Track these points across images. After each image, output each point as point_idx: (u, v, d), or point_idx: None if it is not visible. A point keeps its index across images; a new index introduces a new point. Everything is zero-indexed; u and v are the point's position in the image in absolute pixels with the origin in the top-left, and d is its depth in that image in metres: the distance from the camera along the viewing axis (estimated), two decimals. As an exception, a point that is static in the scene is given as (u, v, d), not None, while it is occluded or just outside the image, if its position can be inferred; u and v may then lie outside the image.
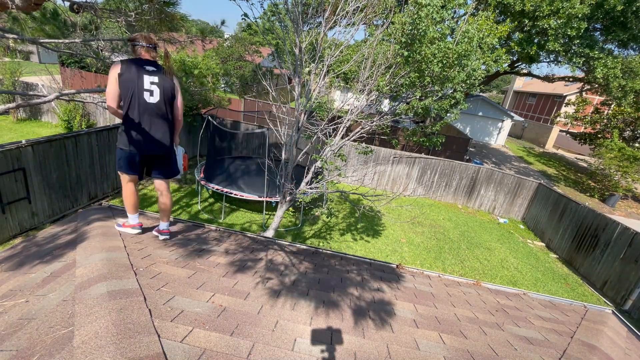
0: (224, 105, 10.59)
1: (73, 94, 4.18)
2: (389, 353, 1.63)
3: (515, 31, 12.06)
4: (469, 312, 2.37)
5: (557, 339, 2.17)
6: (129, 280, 1.71)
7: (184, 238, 2.73)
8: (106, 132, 7.28)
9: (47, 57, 27.35)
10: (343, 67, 4.90)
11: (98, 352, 1.15)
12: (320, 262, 2.84)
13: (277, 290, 2.06)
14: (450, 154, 14.27)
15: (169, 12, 3.68)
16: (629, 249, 6.98)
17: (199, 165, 8.73)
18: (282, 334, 1.59)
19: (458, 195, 11.47)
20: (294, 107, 4.43)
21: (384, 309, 2.13)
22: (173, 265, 2.11)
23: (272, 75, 5.79)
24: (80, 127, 11.18)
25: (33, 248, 2.24)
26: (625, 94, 11.98)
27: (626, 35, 11.45)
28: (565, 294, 7.00)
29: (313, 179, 4.97)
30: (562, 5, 10.02)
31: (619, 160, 13.61)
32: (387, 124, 5.23)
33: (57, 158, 6.15)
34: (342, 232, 7.87)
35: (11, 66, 12.13)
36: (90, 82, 15.73)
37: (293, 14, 4.01)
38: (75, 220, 2.71)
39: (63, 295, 1.55)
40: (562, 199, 9.36)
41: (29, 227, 5.79)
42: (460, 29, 5.52)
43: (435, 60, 5.20)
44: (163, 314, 1.50)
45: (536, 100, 31.95)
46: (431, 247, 8.04)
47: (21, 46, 14.89)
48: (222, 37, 25.03)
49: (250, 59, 22.60)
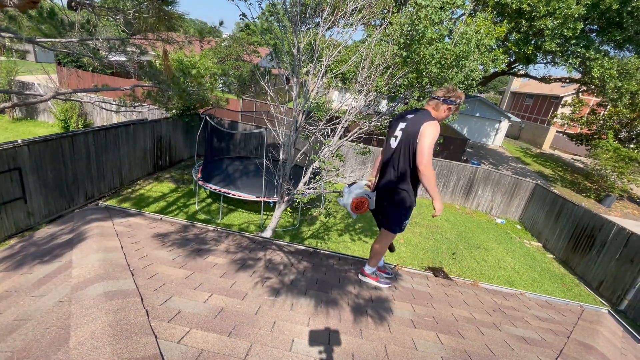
0: (221, 105, 10.56)
1: (70, 94, 4.16)
2: (386, 353, 1.63)
3: (512, 32, 12.12)
4: (466, 312, 2.38)
5: (553, 338, 2.18)
6: (126, 281, 1.70)
7: (181, 238, 2.72)
8: (103, 132, 7.24)
9: (43, 56, 27.16)
10: (341, 68, 4.91)
11: (94, 353, 1.15)
12: (318, 262, 2.83)
13: (275, 291, 2.06)
14: (448, 155, 14.30)
15: (167, 11, 3.67)
16: (625, 249, 7.03)
17: (196, 165, 8.71)
18: (280, 335, 1.58)
19: (455, 196, 11.51)
20: (292, 108, 4.42)
21: (381, 309, 2.13)
22: (170, 265, 2.10)
23: (270, 75, 5.78)
24: (77, 127, 11.12)
25: (29, 248, 2.23)
26: (621, 95, 12.07)
27: (622, 36, 11.54)
28: (561, 294, 7.04)
29: (311, 179, 4.97)
30: (558, 6, 10.08)
31: (614, 161, 13.71)
32: (385, 124, 5.24)
33: (54, 158, 6.11)
34: (340, 233, 7.87)
35: (7, 65, 12.05)
36: (87, 81, 15.64)
37: (291, 14, 4.01)
38: (72, 220, 2.70)
39: (59, 296, 1.54)
40: (559, 199, 9.41)
41: (24, 227, 5.75)
42: (458, 30, 5.54)
43: (434, 61, 5.22)
44: (160, 314, 1.50)
45: (533, 101, 32.12)
46: (429, 247, 8.06)
47: (17, 45, 14.80)
48: (220, 37, 24.97)
49: (248, 59, 22.56)
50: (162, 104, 6.59)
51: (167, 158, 9.91)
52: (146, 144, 8.80)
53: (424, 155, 2.18)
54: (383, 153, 2.57)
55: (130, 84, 6.16)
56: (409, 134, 2.30)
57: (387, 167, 2.46)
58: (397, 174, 2.37)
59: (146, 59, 7.04)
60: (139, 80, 12.14)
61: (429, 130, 2.20)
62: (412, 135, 2.27)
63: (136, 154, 8.49)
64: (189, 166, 10.37)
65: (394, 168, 2.39)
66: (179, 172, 9.86)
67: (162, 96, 6.20)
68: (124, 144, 7.98)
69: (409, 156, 2.30)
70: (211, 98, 10.45)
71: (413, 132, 2.27)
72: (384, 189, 2.49)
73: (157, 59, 8.75)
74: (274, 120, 4.94)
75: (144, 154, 8.82)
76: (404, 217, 2.47)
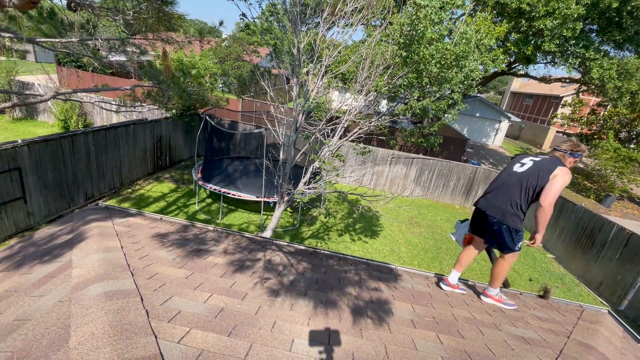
0: (221, 105, 10.57)
1: (70, 94, 4.16)
2: (386, 353, 1.63)
3: (511, 32, 12.13)
4: (466, 312, 2.38)
5: (553, 338, 2.18)
6: (126, 281, 1.70)
7: (181, 238, 2.72)
8: (103, 132, 7.25)
9: (43, 56, 27.16)
10: (341, 68, 4.91)
11: (94, 354, 1.15)
12: (318, 262, 2.83)
13: (275, 291, 2.06)
14: (448, 155, 14.31)
15: (167, 11, 3.67)
16: (625, 249, 7.03)
17: (196, 165, 8.71)
18: (280, 335, 1.58)
19: (455, 196, 11.51)
20: (292, 108, 4.42)
21: (381, 309, 2.13)
22: (170, 265, 2.10)
23: (270, 75, 5.78)
24: (77, 127, 11.12)
25: (29, 248, 2.23)
26: (621, 95, 12.07)
27: (621, 36, 11.54)
28: (561, 294, 7.04)
29: (311, 179, 4.97)
30: (557, 6, 10.08)
31: (614, 161, 13.71)
32: (385, 124, 5.24)
33: (54, 158, 6.11)
34: (340, 233, 7.87)
35: (7, 65, 12.05)
36: (87, 81, 15.65)
37: (291, 14, 4.01)
38: (72, 220, 2.70)
39: (59, 296, 1.54)
40: (559, 199, 9.40)
41: (24, 227, 5.75)
42: (458, 30, 5.54)
43: (434, 61, 5.22)
44: (160, 314, 1.50)
45: (533, 101, 32.13)
46: (429, 247, 8.06)
47: (17, 45, 14.79)
48: (220, 37, 24.97)
49: (248, 59, 22.56)
50: (162, 104, 6.59)
51: (167, 158, 9.91)
52: (146, 144, 8.80)
53: (550, 194, 2.36)
54: (501, 174, 2.70)
55: (130, 84, 6.16)
56: (540, 169, 2.45)
57: (503, 189, 2.57)
58: (516, 199, 2.48)
59: (146, 59, 7.04)
60: (139, 80, 12.14)
61: (563, 175, 2.38)
62: (544, 170, 2.42)
63: (136, 154, 8.49)
64: (189, 166, 10.37)
65: (513, 192, 2.50)
66: (179, 172, 9.86)
67: (162, 96, 6.20)
68: (124, 144, 7.98)
69: (532, 187, 2.43)
70: (211, 98, 10.46)
71: (545, 169, 2.43)
72: (496, 210, 2.56)
73: (157, 59, 8.75)
74: (274, 120, 4.93)
75: (144, 154, 8.82)
76: (517, 240, 2.56)
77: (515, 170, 2.58)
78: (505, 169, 2.72)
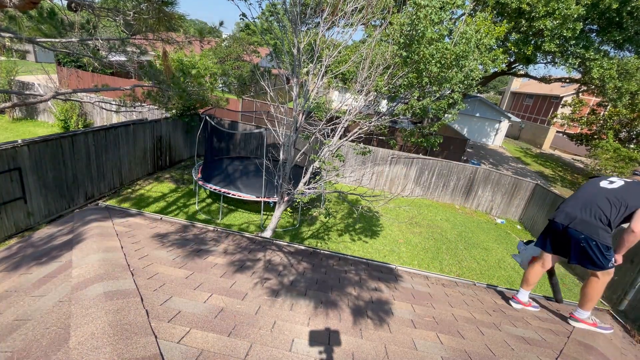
0: (221, 105, 10.57)
1: (70, 94, 4.16)
2: (386, 353, 1.63)
3: (511, 32, 12.13)
4: (466, 312, 2.38)
5: (553, 338, 2.18)
6: (126, 281, 1.70)
7: (181, 238, 2.72)
8: (103, 132, 7.25)
9: (43, 56, 27.18)
10: (341, 68, 4.91)
11: (94, 353, 1.15)
12: (318, 262, 2.83)
13: (275, 291, 2.06)
14: (448, 155, 14.31)
15: (167, 12, 3.67)
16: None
17: (196, 165, 8.71)
18: (280, 335, 1.58)
19: (455, 196, 11.51)
20: (292, 108, 4.42)
21: (381, 309, 2.13)
22: (170, 265, 2.10)
23: (270, 75, 5.79)
24: (77, 127, 11.12)
25: (29, 248, 2.23)
26: (621, 95, 12.07)
27: (621, 36, 11.54)
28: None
29: (311, 179, 4.97)
30: (557, 6, 10.08)
31: (614, 161, 13.71)
32: (385, 124, 5.24)
33: (54, 158, 6.11)
34: (340, 233, 7.87)
35: (7, 65, 12.05)
36: (87, 81, 15.65)
37: (291, 14, 4.01)
38: (72, 220, 2.70)
39: (59, 296, 1.54)
40: (559, 199, 9.41)
41: (24, 228, 5.75)
42: (458, 30, 5.55)
43: (434, 61, 5.22)
44: (160, 314, 1.50)
45: (533, 101, 32.12)
46: (429, 247, 8.06)
47: (17, 45, 14.80)
48: (220, 37, 24.97)
49: (248, 59, 22.57)
50: (162, 104, 6.59)
51: (167, 158, 9.91)
52: (146, 144, 8.80)
53: None
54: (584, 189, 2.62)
55: (130, 84, 6.16)
56: (630, 190, 2.40)
57: (589, 204, 2.48)
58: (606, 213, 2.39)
59: (146, 59, 7.04)
60: (139, 80, 12.14)
61: None
62: (634, 192, 2.38)
63: (136, 154, 8.49)
64: (189, 166, 10.37)
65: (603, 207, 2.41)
66: (179, 172, 9.86)
67: (162, 96, 6.21)
68: (124, 144, 7.98)
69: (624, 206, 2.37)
70: (211, 98, 10.46)
71: (636, 192, 2.38)
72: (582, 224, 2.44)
73: (157, 59, 8.75)
74: (274, 120, 4.94)
75: (144, 154, 8.82)
76: (609, 256, 2.47)
77: (604, 187, 2.50)
78: (587, 184, 2.64)
